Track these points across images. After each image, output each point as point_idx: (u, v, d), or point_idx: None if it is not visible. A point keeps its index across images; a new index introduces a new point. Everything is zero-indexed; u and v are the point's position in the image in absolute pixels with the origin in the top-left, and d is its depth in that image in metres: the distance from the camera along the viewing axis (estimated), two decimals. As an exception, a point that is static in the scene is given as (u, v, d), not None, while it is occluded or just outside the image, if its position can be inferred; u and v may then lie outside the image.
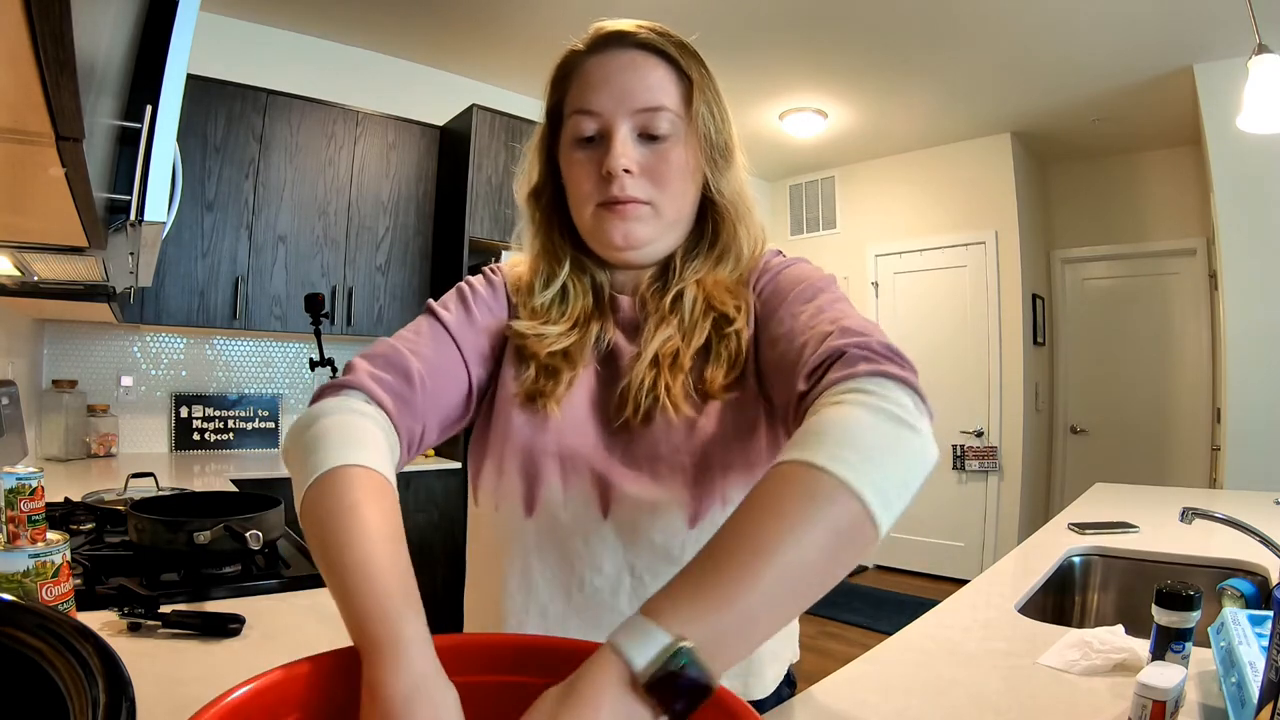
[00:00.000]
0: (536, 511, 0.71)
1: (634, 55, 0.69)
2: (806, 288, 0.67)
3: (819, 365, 0.56)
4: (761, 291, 0.72)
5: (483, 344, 0.73)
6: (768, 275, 0.73)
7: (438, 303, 0.74)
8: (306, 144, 3.03)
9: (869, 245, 4.97)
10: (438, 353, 0.69)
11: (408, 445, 0.65)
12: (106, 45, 0.58)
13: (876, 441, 0.47)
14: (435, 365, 0.68)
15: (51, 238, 0.89)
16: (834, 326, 0.58)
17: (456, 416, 0.72)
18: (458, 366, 0.70)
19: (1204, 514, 1.29)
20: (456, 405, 0.71)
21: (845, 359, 0.54)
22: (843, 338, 0.56)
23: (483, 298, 0.75)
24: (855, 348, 0.54)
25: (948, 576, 4.43)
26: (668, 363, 0.69)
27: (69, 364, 2.79)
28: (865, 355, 0.54)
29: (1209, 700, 0.78)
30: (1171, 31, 3.01)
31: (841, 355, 0.55)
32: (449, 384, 0.69)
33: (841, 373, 0.53)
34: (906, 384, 0.51)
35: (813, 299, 0.65)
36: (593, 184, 0.69)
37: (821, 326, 0.60)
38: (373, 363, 0.66)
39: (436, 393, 0.68)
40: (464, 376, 0.71)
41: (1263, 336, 3.15)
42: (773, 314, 0.68)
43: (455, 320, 0.72)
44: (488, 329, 0.74)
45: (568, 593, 0.70)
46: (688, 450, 0.68)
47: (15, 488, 0.89)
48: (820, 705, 0.77)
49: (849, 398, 0.50)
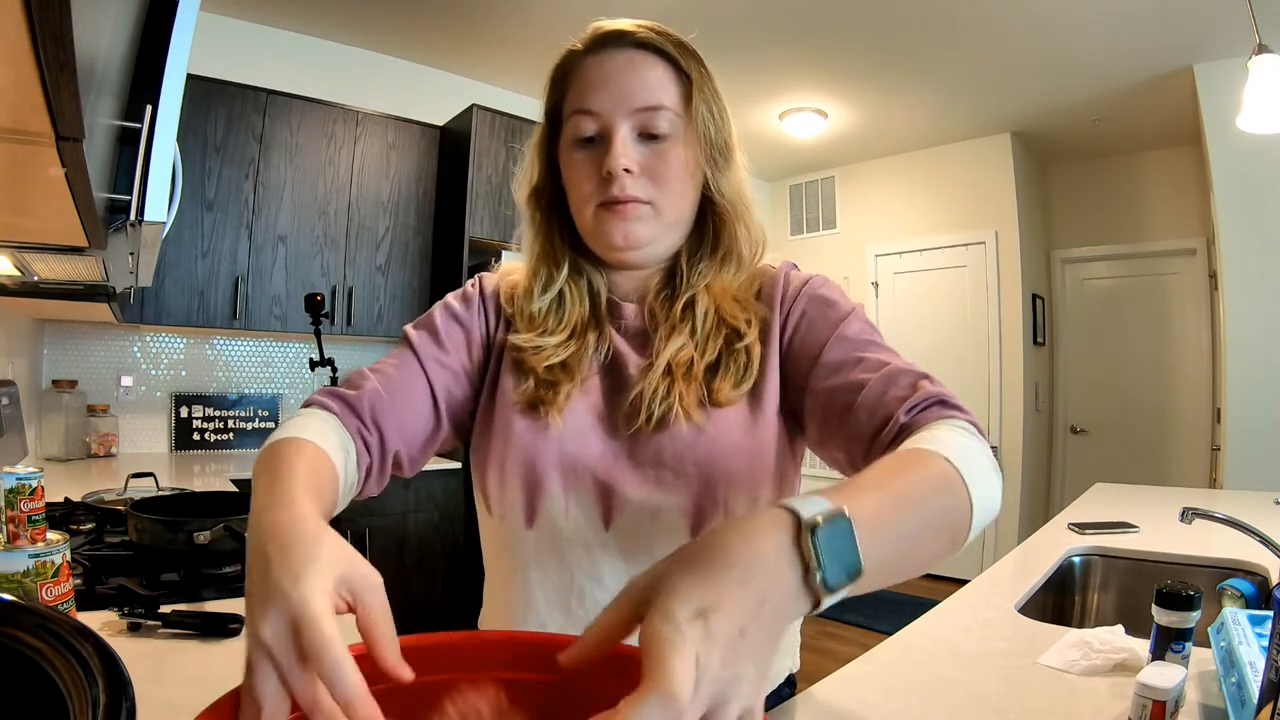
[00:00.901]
0: (537, 522, 0.71)
1: (632, 55, 0.69)
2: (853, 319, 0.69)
3: (923, 402, 0.59)
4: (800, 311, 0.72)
5: (449, 357, 0.74)
6: (804, 297, 0.73)
7: (411, 325, 0.77)
8: (306, 144, 3.03)
9: (869, 245, 4.97)
10: (398, 368, 0.71)
11: (363, 443, 0.66)
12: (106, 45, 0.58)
13: (986, 469, 0.53)
14: (391, 377, 0.70)
15: (51, 238, 0.89)
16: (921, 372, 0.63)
17: (423, 425, 0.72)
18: (417, 377, 0.72)
19: (1204, 514, 1.29)
20: (420, 414, 0.71)
21: (945, 404, 0.59)
22: (935, 385, 0.61)
23: (455, 311, 0.77)
24: (951, 398, 0.60)
25: (948, 576, 4.43)
26: (681, 372, 0.69)
27: (69, 364, 2.79)
28: (961, 408, 0.60)
29: (1209, 700, 0.78)
30: (1171, 31, 3.01)
31: (942, 401, 0.60)
32: (408, 394, 0.70)
33: (945, 413, 0.58)
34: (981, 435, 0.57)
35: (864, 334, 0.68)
36: (593, 184, 0.69)
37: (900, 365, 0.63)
38: (331, 389, 0.69)
39: (393, 399, 0.69)
40: (425, 387, 0.72)
41: (1263, 336, 3.15)
42: (823, 340, 0.68)
43: (418, 337, 0.74)
44: (458, 342, 0.75)
45: (567, 605, 0.70)
46: (693, 458, 0.68)
47: (15, 488, 0.90)
48: (820, 705, 0.77)
49: (962, 429, 0.55)
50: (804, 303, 0.72)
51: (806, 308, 0.72)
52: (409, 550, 2.91)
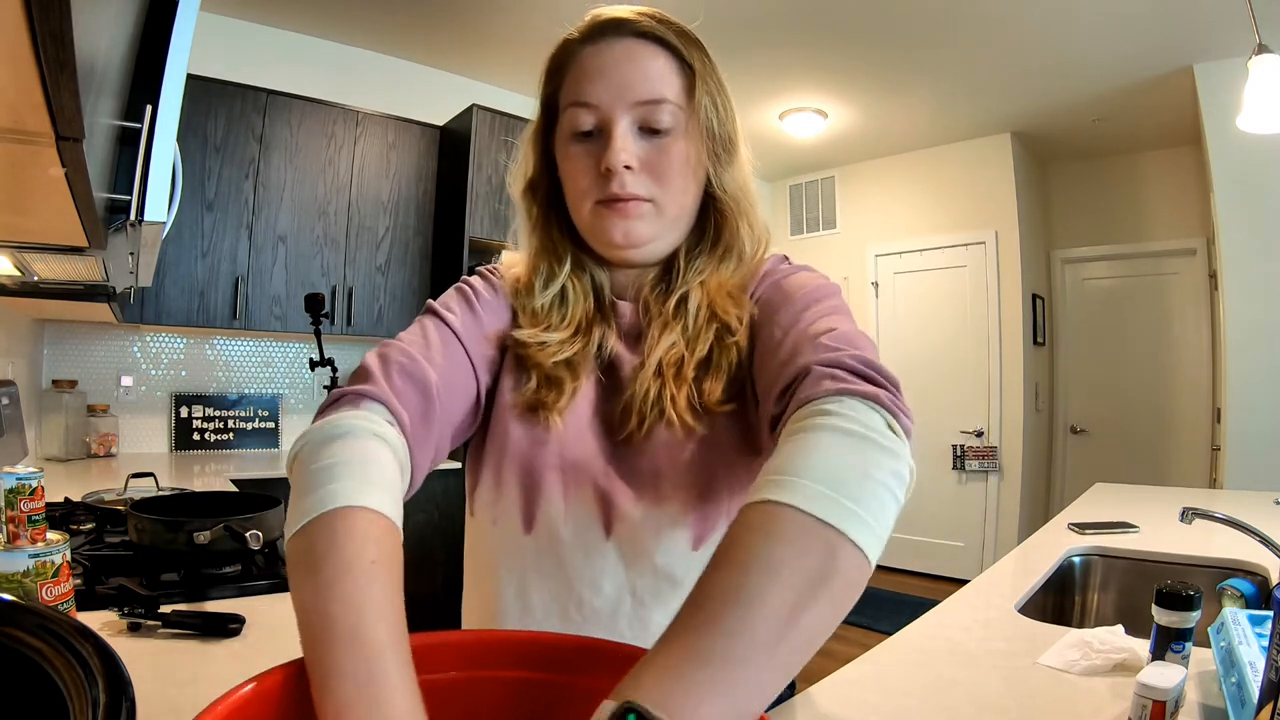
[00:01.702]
0: (536, 528, 0.68)
1: (632, 44, 0.66)
2: (803, 296, 0.64)
3: (787, 385, 0.54)
4: (759, 299, 0.69)
5: (489, 350, 0.70)
6: (767, 282, 0.70)
7: (440, 304, 0.71)
8: (306, 144, 3.03)
9: (869, 245, 4.97)
10: (450, 363, 0.65)
11: (424, 467, 0.61)
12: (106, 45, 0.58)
13: (848, 471, 0.44)
14: (449, 378, 0.64)
15: (51, 238, 0.88)
16: (812, 342, 0.56)
17: (465, 428, 0.69)
18: (468, 377, 0.67)
19: (1204, 514, 1.29)
20: (466, 416, 0.68)
21: (811, 377, 0.52)
22: (815, 354, 0.54)
23: (486, 300, 0.72)
24: (822, 365, 0.53)
25: (948, 576, 4.43)
26: (671, 373, 0.67)
27: (69, 364, 2.79)
28: (830, 374, 0.52)
29: (1209, 700, 0.78)
30: (1171, 31, 3.01)
31: (807, 374, 0.53)
32: (460, 396, 0.66)
33: (806, 393, 0.51)
34: (875, 401, 0.49)
35: (805, 309, 0.62)
36: (591, 180, 0.66)
37: (801, 342, 0.57)
38: (389, 371, 0.60)
39: (450, 407, 0.64)
40: (473, 387, 0.68)
41: (1263, 336, 3.15)
42: (765, 325, 0.65)
43: (463, 325, 0.68)
44: (493, 333, 0.71)
45: (565, 613, 0.68)
46: (691, 468, 0.66)
47: (15, 488, 0.89)
48: (820, 705, 0.77)
49: (813, 421, 0.48)
50: (763, 289, 0.70)
51: (764, 291, 0.69)
52: (409, 550, 2.88)
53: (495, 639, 0.51)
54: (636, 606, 0.67)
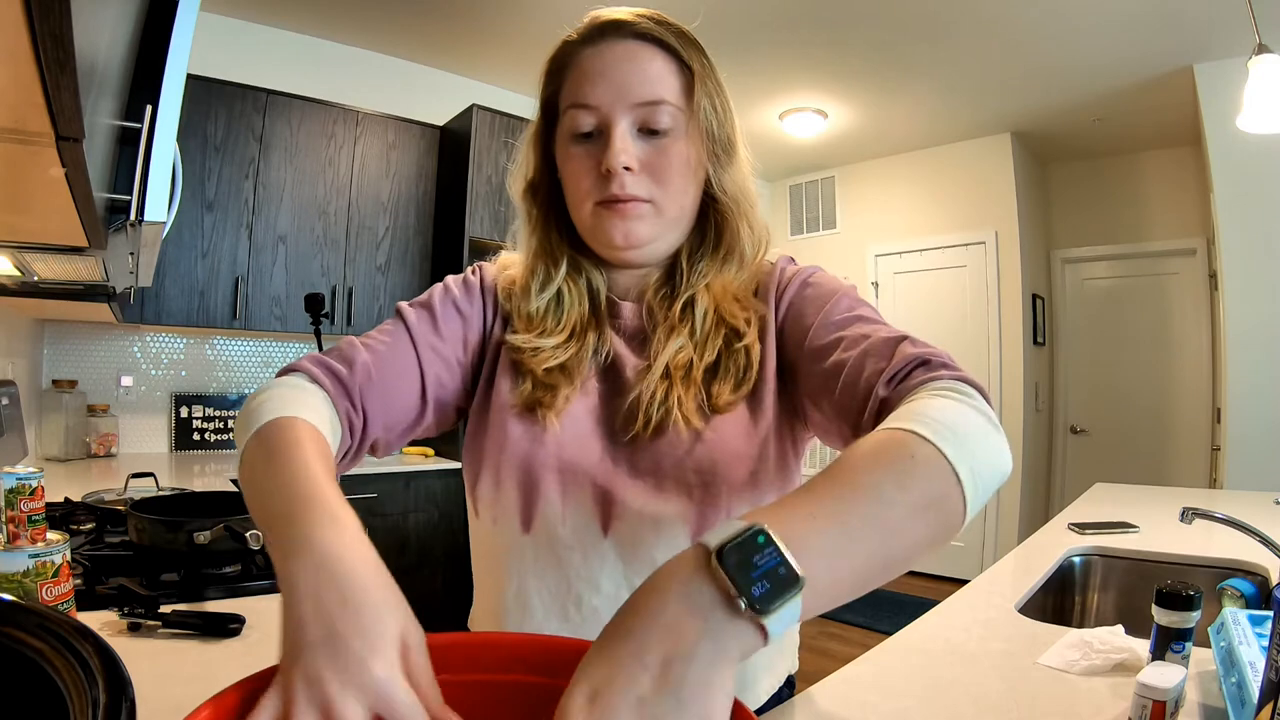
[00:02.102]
0: (534, 528, 0.69)
1: (632, 46, 0.67)
2: (841, 298, 0.66)
3: (901, 370, 0.56)
4: (790, 303, 0.70)
5: (445, 346, 0.71)
6: (794, 287, 0.70)
7: (408, 303, 0.74)
8: (306, 144, 3.03)
9: (869, 245, 4.97)
10: (391, 348, 0.68)
11: (348, 425, 0.64)
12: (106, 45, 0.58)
13: (974, 430, 0.48)
14: (384, 357, 0.67)
15: (51, 238, 0.88)
16: (903, 341, 0.58)
17: (407, 413, 0.69)
18: (410, 363, 0.69)
19: (1204, 514, 1.29)
20: (407, 401, 0.69)
21: (929, 365, 0.55)
22: (916, 347, 0.57)
23: (455, 298, 0.74)
24: (934, 356, 0.55)
25: (948, 576, 4.43)
26: (679, 375, 0.67)
27: (69, 364, 2.79)
28: (946, 364, 0.55)
29: (1209, 700, 0.78)
30: (1171, 31, 3.01)
31: (925, 363, 0.55)
32: (398, 379, 0.68)
33: (927, 376, 0.54)
34: (985, 395, 0.53)
35: (852, 310, 0.65)
36: (591, 181, 0.67)
37: (885, 342, 0.59)
38: (316, 355, 0.67)
39: (382, 382, 0.66)
40: (416, 374, 0.69)
41: (1263, 336, 3.15)
42: (808, 326, 0.66)
43: (416, 318, 0.71)
44: (455, 332, 0.73)
45: (564, 612, 0.68)
46: (693, 465, 0.66)
47: (15, 488, 0.90)
48: (820, 705, 0.77)
49: (943, 391, 0.51)
50: (792, 292, 0.70)
51: (794, 297, 0.70)
52: (409, 550, 2.91)
53: (495, 641, 0.51)
54: None
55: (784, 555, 0.37)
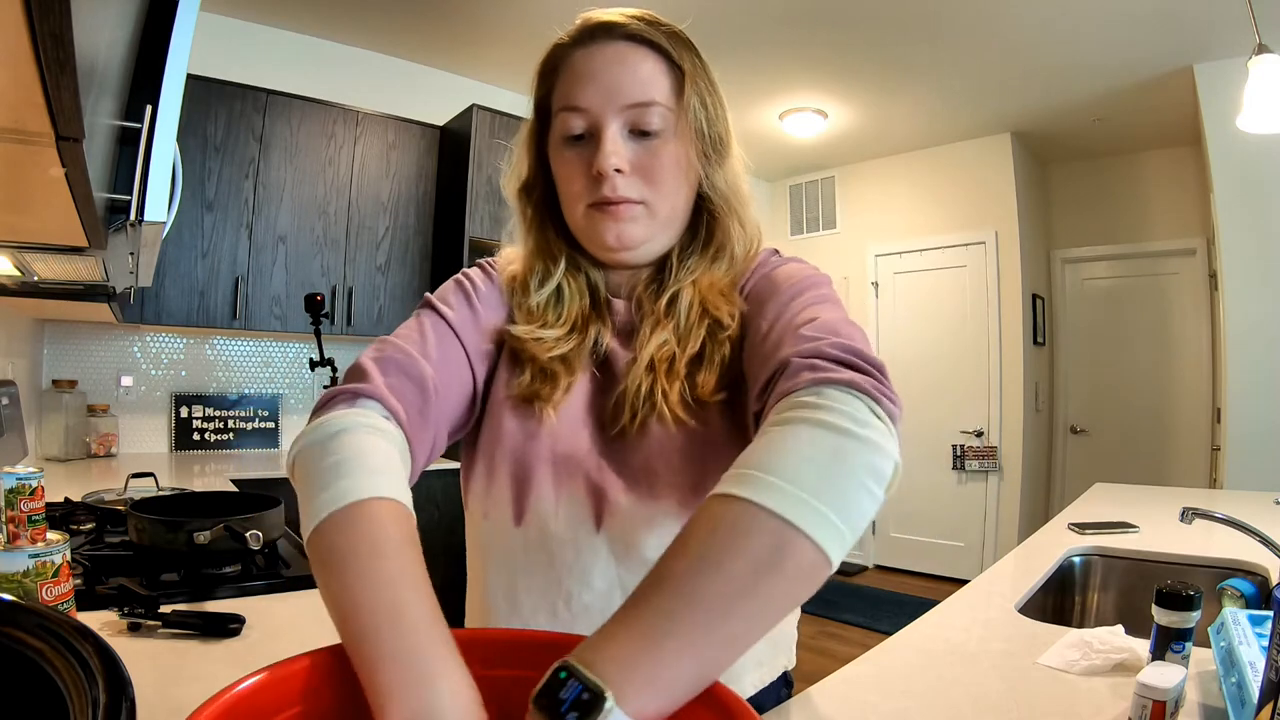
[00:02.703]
0: (526, 520, 0.69)
1: (622, 48, 0.67)
2: (789, 288, 0.65)
3: (768, 380, 0.55)
4: (749, 293, 0.70)
5: (485, 344, 0.71)
6: (757, 276, 0.71)
7: (437, 297, 0.71)
8: (306, 144, 3.03)
9: (869, 245, 4.97)
10: (445, 357, 0.66)
11: (421, 460, 0.62)
12: (106, 45, 0.58)
13: (811, 462, 0.45)
14: (444, 372, 0.65)
15: (51, 238, 0.88)
16: (794, 334, 0.56)
17: (462, 422, 0.70)
18: (464, 370, 0.68)
19: (1204, 514, 1.29)
20: (463, 410, 0.69)
21: (789, 370, 0.52)
22: (796, 344, 0.55)
23: (484, 294, 0.73)
24: (802, 356, 0.53)
25: (948, 576, 4.43)
26: (664, 368, 0.67)
27: (69, 364, 2.79)
28: (810, 364, 0.51)
29: (1209, 700, 0.78)
30: (1171, 31, 3.01)
31: (786, 367, 0.53)
32: (457, 390, 0.67)
33: (785, 386, 0.51)
34: (855, 387, 0.49)
35: (792, 300, 0.63)
36: (583, 183, 0.67)
37: (784, 334, 0.58)
38: (385, 368, 0.61)
39: (446, 401, 0.65)
40: (469, 380, 0.69)
41: (1263, 336, 3.15)
42: (754, 318, 0.65)
43: (459, 319, 0.69)
44: (490, 327, 0.72)
45: (553, 608, 0.68)
46: (684, 462, 0.66)
47: (15, 488, 0.89)
48: (819, 705, 0.77)
49: (790, 415, 0.48)
50: (752, 283, 0.70)
51: (754, 285, 0.70)
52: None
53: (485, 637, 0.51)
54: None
55: (584, 679, 0.38)
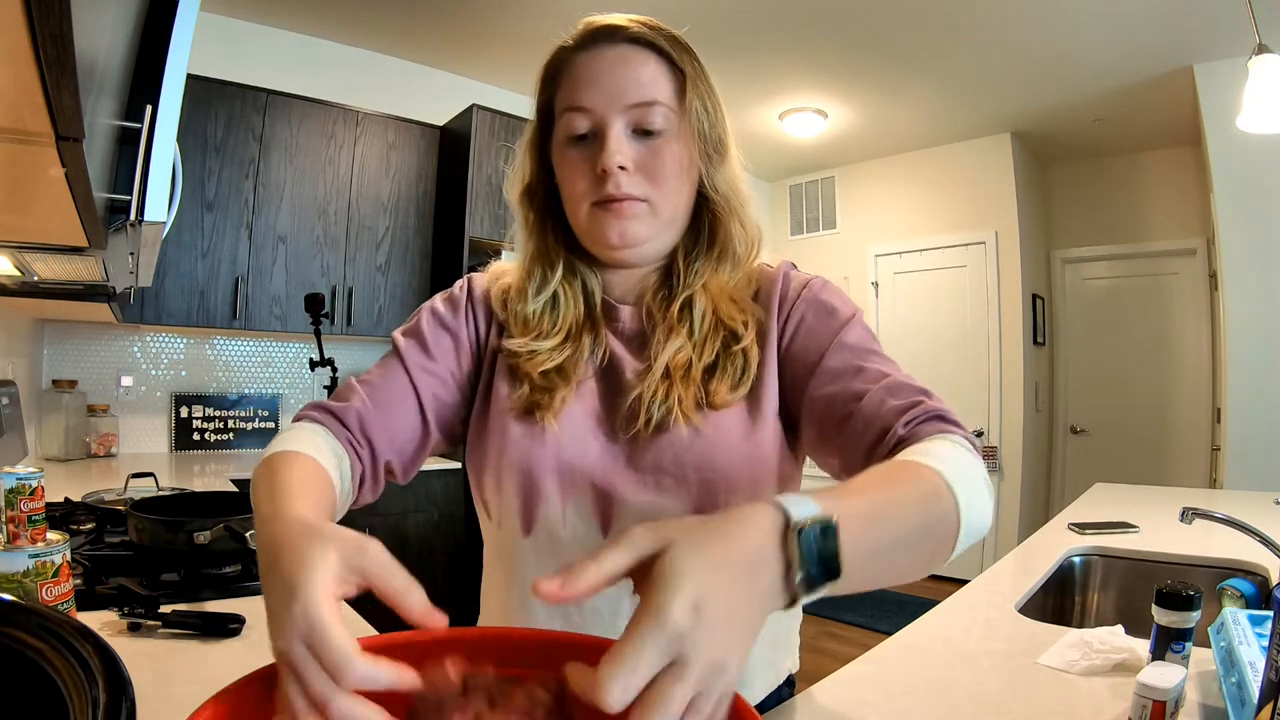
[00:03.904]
0: (535, 530, 0.70)
1: (625, 50, 0.68)
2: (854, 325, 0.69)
3: (921, 415, 0.60)
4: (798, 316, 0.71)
5: (438, 365, 0.74)
6: (804, 301, 0.72)
7: (400, 330, 0.77)
8: (306, 144, 3.03)
9: (869, 245, 4.97)
10: (384, 377, 0.72)
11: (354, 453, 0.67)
12: (106, 45, 0.58)
13: (978, 486, 0.54)
14: (378, 387, 0.71)
15: (51, 238, 0.88)
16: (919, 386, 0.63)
17: (412, 432, 0.72)
18: (404, 387, 0.72)
19: (1204, 514, 1.29)
20: (408, 422, 0.72)
21: (944, 419, 0.60)
22: (933, 400, 0.62)
23: (441, 317, 0.76)
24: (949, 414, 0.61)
25: (948, 576, 4.43)
26: (679, 374, 0.68)
27: (69, 364, 2.79)
28: (959, 424, 0.61)
29: (1209, 700, 0.78)
30: (1171, 31, 3.01)
31: (940, 416, 0.60)
32: (397, 403, 0.71)
33: (943, 428, 0.59)
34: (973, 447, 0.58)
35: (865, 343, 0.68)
36: (587, 182, 0.68)
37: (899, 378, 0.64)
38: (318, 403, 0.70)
39: (380, 408, 0.70)
40: (412, 395, 0.72)
41: (1263, 336, 3.15)
42: (822, 346, 0.68)
43: (405, 345, 0.74)
44: (446, 349, 0.75)
45: (566, 613, 0.69)
46: (692, 462, 0.67)
47: (15, 488, 0.90)
48: (820, 705, 0.77)
49: (959, 446, 0.57)
50: (804, 307, 0.71)
51: (805, 312, 0.71)
52: (409, 550, 2.91)
53: (496, 635, 0.51)
54: (636, 606, 0.67)
55: (840, 555, 0.41)
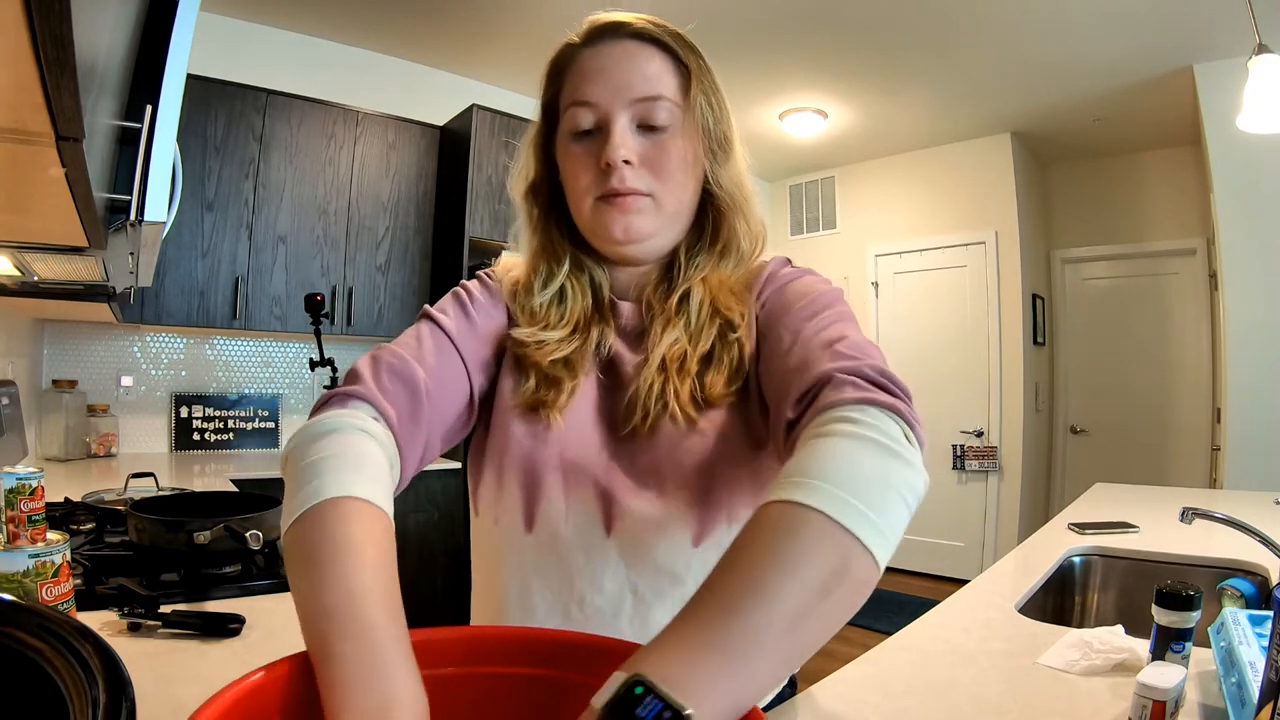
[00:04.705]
0: (536, 527, 0.69)
1: (630, 46, 0.69)
2: (810, 302, 0.66)
3: (807, 391, 0.55)
4: (765, 302, 0.70)
5: (484, 352, 0.72)
6: (773, 285, 0.71)
7: (435, 308, 0.72)
8: (306, 144, 3.03)
9: (869, 245, 4.97)
10: (441, 363, 0.67)
11: (413, 463, 0.63)
12: (106, 45, 0.58)
13: (869, 474, 0.46)
14: (439, 377, 0.66)
15: (51, 238, 0.88)
16: (827, 349, 0.57)
17: (458, 428, 0.70)
18: (460, 377, 0.69)
19: (1204, 514, 1.29)
20: (458, 416, 0.69)
21: (833, 384, 0.53)
22: (833, 361, 0.56)
23: (482, 303, 0.74)
24: (844, 373, 0.54)
25: (948, 576, 4.43)
26: (675, 367, 0.68)
27: (69, 364, 2.79)
28: (853, 381, 0.53)
29: (1209, 700, 0.78)
30: (1171, 31, 3.01)
31: (829, 381, 0.54)
32: (452, 395, 0.68)
33: (828, 399, 0.52)
34: (895, 412, 0.51)
35: (814, 316, 0.64)
36: (591, 177, 0.68)
37: (814, 349, 0.59)
38: (378, 372, 0.63)
39: (440, 405, 0.66)
40: (466, 387, 0.69)
41: (1263, 336, 3.15)
42: (773, 328, 0.66)
43: (456, 327, 0.70)
44: (488, 335, 0.73)
45: (566, 611, 0.68)
46: (693, 463, 0.66)
47: (15, 488, 0.89)
48: (820, 705, 0.77)
49: (836, 428, 0.49)
50: (770, 290, 0.71)
51: (772, 294, 0.70)
52: (409, 550, 2.91)
53: (498, 634, 0.52)
54: (638, 604, 0.67)
55: (665, 699, 0.36)
